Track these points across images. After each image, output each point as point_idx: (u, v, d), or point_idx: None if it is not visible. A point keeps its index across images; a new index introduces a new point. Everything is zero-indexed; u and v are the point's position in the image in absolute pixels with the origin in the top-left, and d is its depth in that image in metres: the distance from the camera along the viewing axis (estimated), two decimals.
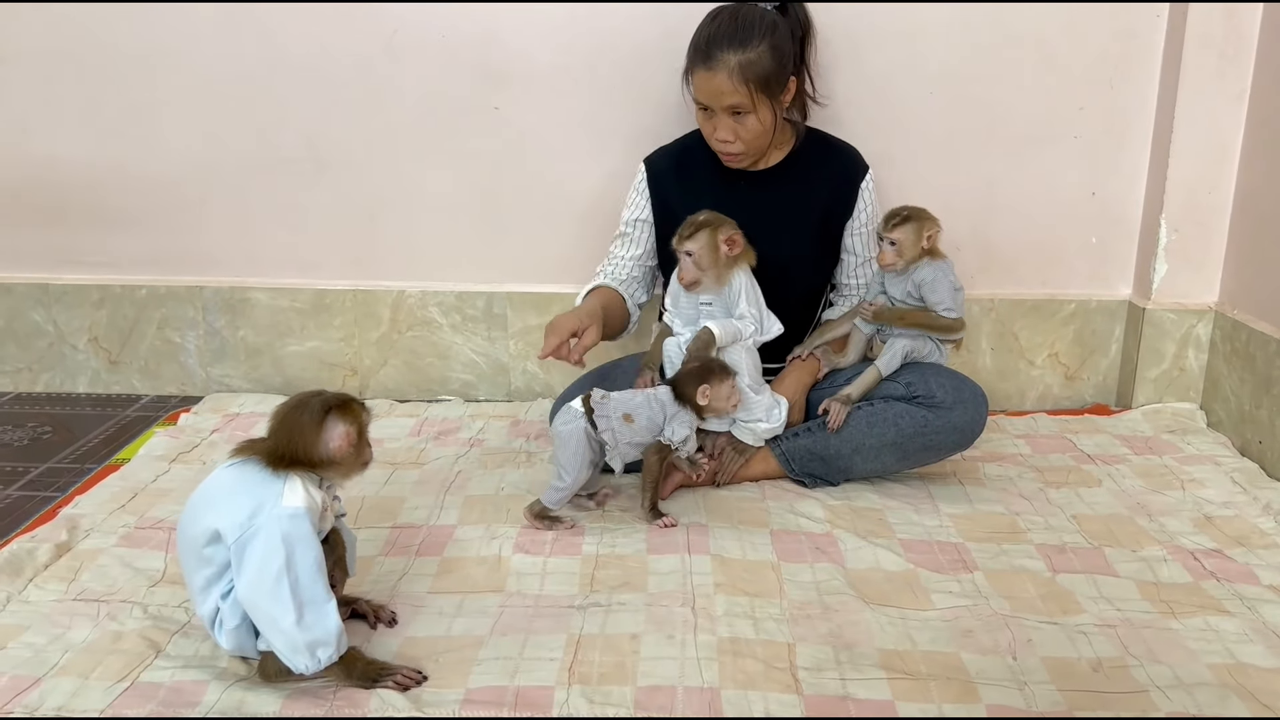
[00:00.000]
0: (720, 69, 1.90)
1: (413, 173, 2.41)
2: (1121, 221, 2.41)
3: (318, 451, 1.30)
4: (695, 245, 1.87)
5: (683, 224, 1.89)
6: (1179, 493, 1.99)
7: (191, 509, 1.33)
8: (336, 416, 1.31)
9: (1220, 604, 1.58)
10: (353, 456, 1.33)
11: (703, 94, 1.96)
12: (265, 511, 1.26)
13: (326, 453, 1.30)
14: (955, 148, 2.35)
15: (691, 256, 1.88)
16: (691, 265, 1.88)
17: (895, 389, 1.97)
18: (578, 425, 1.77)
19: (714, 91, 1.93)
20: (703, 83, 1.94)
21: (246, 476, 1.29)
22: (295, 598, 1.26)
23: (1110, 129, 2.35)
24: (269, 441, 1.31)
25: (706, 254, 1.88)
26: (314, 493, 1.31)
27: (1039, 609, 1.57)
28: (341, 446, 1.31)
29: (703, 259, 1.88)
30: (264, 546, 1.25)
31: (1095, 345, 2.47)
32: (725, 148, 2.00)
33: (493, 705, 1.34)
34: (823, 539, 1.78)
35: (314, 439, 1.30)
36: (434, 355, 2.52)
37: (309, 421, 1.30)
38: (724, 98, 1.93)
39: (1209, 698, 1.35)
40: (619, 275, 2.16)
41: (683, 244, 1.88)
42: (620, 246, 2.17)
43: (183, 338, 2.53)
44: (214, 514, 1.29)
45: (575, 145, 2.38)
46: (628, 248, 2.17)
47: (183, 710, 1.32)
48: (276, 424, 1.32)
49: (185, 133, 2.40)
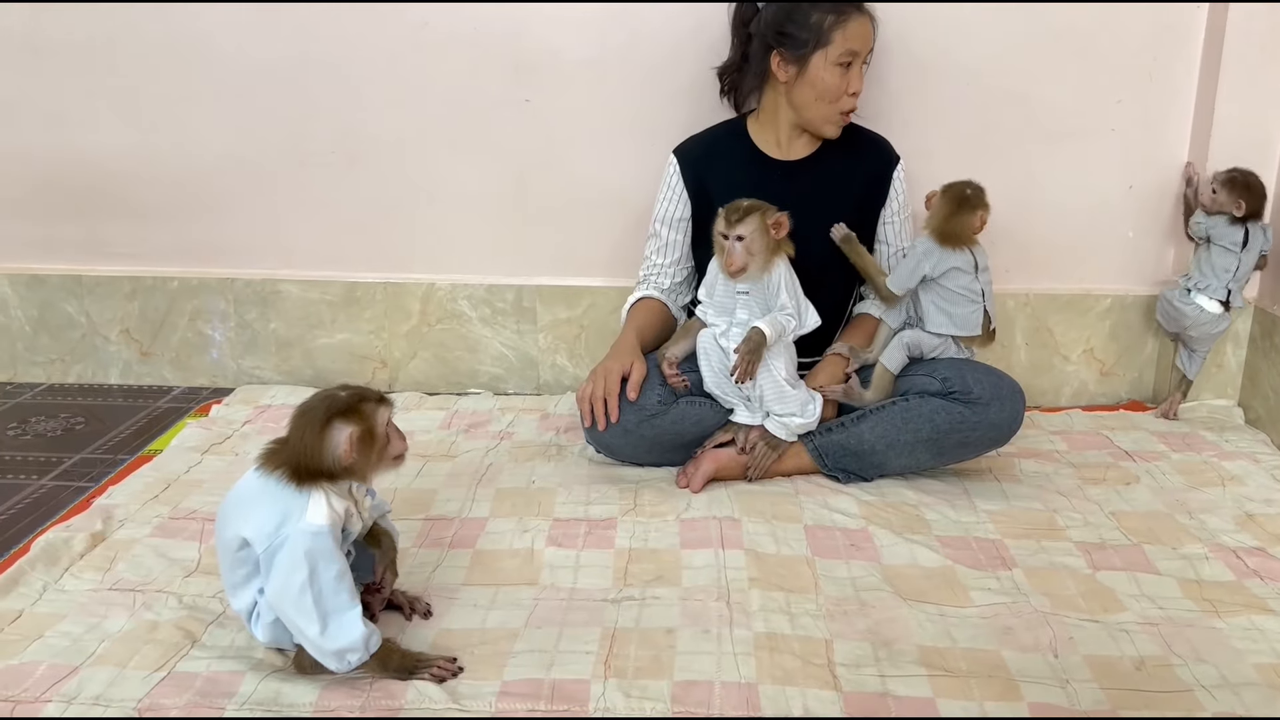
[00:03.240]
0: (867, 13, 1.97)
1: (443, 166, 2.40)
2: (1159, 216, 2.38)
3: (325, 462, 1.28)
4: (746, 229, 1.84)
5: (726, 210, 1.86)
6: (1219, 490, 1.96)
7: (224, 514, 1.33)
8: (340, 422, 1.28)
9: (1264, 603, 1.56)
10: (366, 458, 1.31)
11: (858, 40, 1.96)
12: (290, 524, 1.26)
13: (334, 461, 1.28)
14: (991, 141, 2.32)
15: (743, 241, 1.85)
16: (742, 250, 1.85)
17: (931, 384, 1.95)
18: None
19: (867, 35, 1.97)
20: (858, 29, 1.96)
21: (272, 487, 1.28)
22: (319, 609, 1.26)
23: (1148, 122, 2.32)
24: (287, 452, 1.29)
25: (757, 238, 1.85)
26: (337, 504, 1.29)
27: (1079, 607, 1.55)
28: (348, 451, 1.28)
29: (753, 243, 1.85)
30: (288, 560, 1.25)
31: (1130, 341, 2.44)
32: (855, 102, 2.01)
33: (529, 698, 1.33)
34: (858, 535, 1.76)
35: (319, 450, 1.28)
36: (463, 348, 2.51)
37: (311, 432, 1.28)
38: (870, 40, 1.99)
39: (1256, 698, 1.33)
40: (661, 284, 2.14)
41: (732, 229, 1.84)
42: (656, 253, 2.14)
43: (214, 329, 2.54)
44: (243, 521, 1.30)
45: (606, 138, 2.36)
46: (664, 254, 2.14)
47: (220, 700, 1.32)
48: (290, 433, 1.30)
49: (218, 125, 2.41)
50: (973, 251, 1.96)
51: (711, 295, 1.96)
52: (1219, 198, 2.16)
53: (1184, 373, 2.31)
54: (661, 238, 2.13)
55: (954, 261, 1.94)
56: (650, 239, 2.15)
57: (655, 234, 2.14)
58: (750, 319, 1.88)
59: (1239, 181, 2.15)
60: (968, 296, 1.95)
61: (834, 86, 1.98)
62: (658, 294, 2.13)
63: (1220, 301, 2.18)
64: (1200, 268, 2.20)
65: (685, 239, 2.13)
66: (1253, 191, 2.14)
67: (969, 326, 1.97)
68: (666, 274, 2.14)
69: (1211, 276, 2.18)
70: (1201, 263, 2.21)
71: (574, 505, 1.88)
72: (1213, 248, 2.18)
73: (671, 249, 2.13)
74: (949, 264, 1.94)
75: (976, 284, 1.96)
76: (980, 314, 1.97)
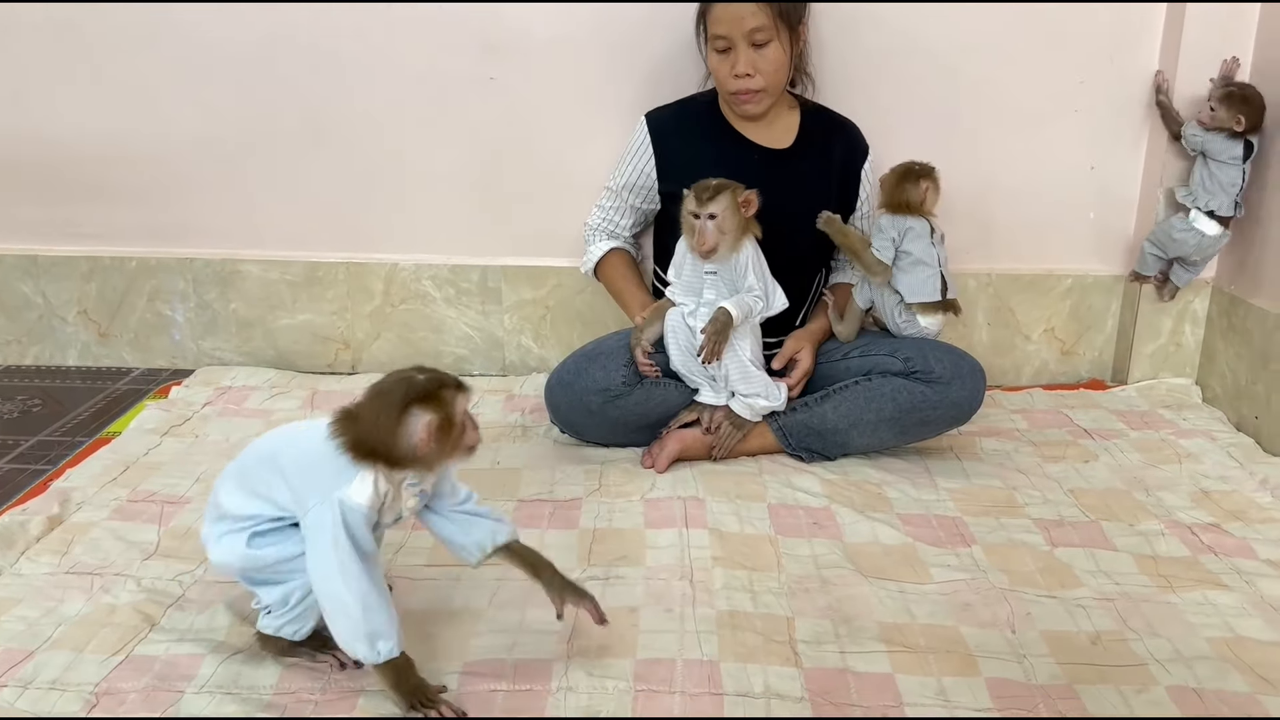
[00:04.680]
0: None
1: (407, 144, 2.38)
2: (1120, 197, 2.40)
3: (399, 448, 1.21)
4: (718, 207, 1.83)
5: (696, 189, 1.84)
6: (1175, 467, 1.99)
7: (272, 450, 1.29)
8: (418, 408, 1.20)
9: (1218, 578, 1.59)
10: (441, 448, 1.23)
11: (723, 23, 1.92)
12: (332, 497, 1.21)
13: (409, 448, 1.21)
14: (953, 122, 2.33)
15: (715, 220, 1.83)
16: (714, 229, 1.83)
17: (893, 364, 1.97)
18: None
19: (735, 17, 1.91)
20: (722, 12, 1.92)
21: (330, 453, 1.22)
22: (353, 589, 1.20)
23: (1110, 104, 2.33)
24: (356, 428, 1.22)
25: (729, 216, 1.84)
26: (381, 488, 1.24)
27: (1037, 583, 1.57)
28: (425, 440, 1.21)
29: (725, 221, 1.84)
30: (324, 533, 1.21)
31: (1091, 321, 2.46)
32: (744, 84, 1.96)
33: (491, 678, 1.33)
34: (821, 513, 1.78)
35: (393, 435, 1.20)
36: (428, 329, 2.49)
37: (387, 415, 1.20)
38: (746, 21, 1.91)
39: (1208, 671, 1.36)
40: (620, 234, 2.21)
41: (704, 207, 1.83)
42: (615, 211, 2.18)
43: (173, 310, 2.50)
44: (286, 478, 1.25)
45: (573, 117, 2.35)
46: (623, 215, 2.18)
47: (178, 683, 1.31)
48: (363, 410, 1.23)
49: (177, 103, 2.36)
50: (929, 220, 1.99)
51: (679, 275, 1.96)
52: (1218, 114, 2.11)
53: (1177, 285, 2.30)
54: (622, 200, 2.16)
55: (910, 224, 1.97)
56: (608, 195, 2.17)
57: (615, 194, 2.16)
58: (718, 299, 1.88)
59: (1236, 96, 2.10)
60: (924, 261, 1.96)
61: (716, 70, 2.00)
62: (624, 245, 2.20)
63: (1220, 220, 2.16)
64: (1204, 184, 2.15)
65: (646, 205, 2.15)
66: (1252, 104, 2.10)
67: (925, 292, 1.97)
68: (624, 225, 2.20)
69: (1218, 191, 2.14)
70: (1205, 179, 2.15)
71: (539, 486, 1.88)
72: (1211, 163, 2.14)
73: (631, 212, 2.17)
74: (905, 226, 1.96)
75: (933, 250, 1.98)
76: (937, 279, 1.98)
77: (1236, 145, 2.12)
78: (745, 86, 1.97)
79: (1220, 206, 2.15)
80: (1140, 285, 2.35)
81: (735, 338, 1.89)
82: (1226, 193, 2.14)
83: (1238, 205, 2.15)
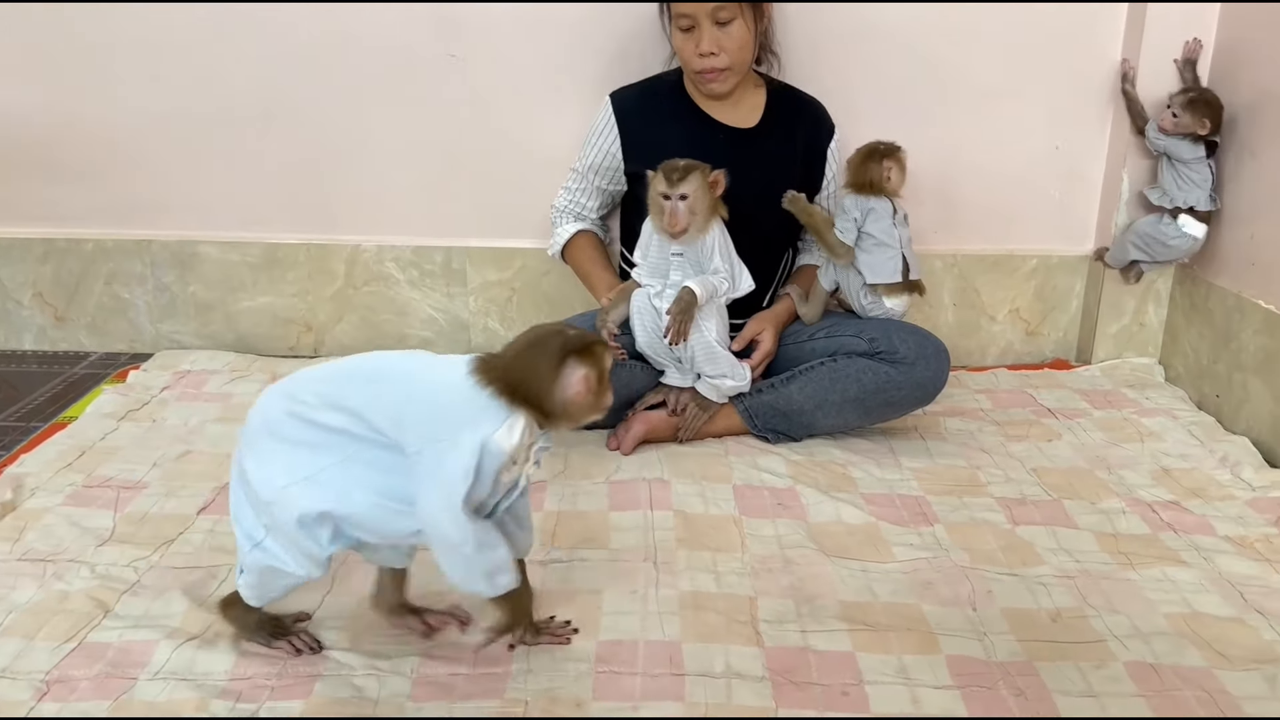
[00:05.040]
0: None
1: (368, 123, 2.35)
2: (1084, 176, 2.40)
3: (553, 397, 1.19)
4: (690, 188, 1.81)
5: (665, 170, 1.83)
6: (1137, 446, 2.00)
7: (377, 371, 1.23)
8: (576, 361, 1.19)
9: (1177, 555, 1.60)
10: (591, 402, 1.22)
11: (687, 1, 1.91)
12: (475, 436, 1.15)
13: (563, 398, 1.20)
14: (919, 103, 2.32)
15: (686, 200, 1.82)
16: (685, 210, 1.82)
17: (858, 345, 1.97)
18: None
19: None
20: None
21: (470, 395, 1.18)
22: (473, 526, 1.18)
23: (1073, 83, 2.33)
24: (508, 374, 1.19)
25: (700, 197, 1.82)
26: (525, 438, 1.20)
27: (999, 561, 1.57)
28: (581, 393, 1.20)
29: (696, 202, 1.82)
30: (460, 470, 1.15)
31: (1056, 301, 2.47)
32: (709, 63, 1.95)
33: (451, 661, 1.32)
34: (785, 494, 1.77)
35: (550, 383, 1.19)
36: (391, 311, 2.47)
37: (546, 364, 1.19)
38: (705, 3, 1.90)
39: (1165, 646, 1.37)
40: (588, 216, 2.20)
41: (675, 188, 1.81)
42: (581, 193, 2.17)
43: (131, 293, 2.46)
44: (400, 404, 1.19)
45: (537, 95, 2.32)
46: (590, 196, 2.17)
47: (132, 670, 1.29)
48: (514, 359, 1.21)
49: (133, 81, 2.32)
50: (892, 201, 1.98)
51: (646, 257, 1.94)
52: (1181, 120, 2.12)
53: (1143, 269, 2.31)
54: (588, 181, 2.14)
55: (873, 205, 1.96)
56: (574, 176, 2.16)
57: (581, 176, 2.14)
58: (684, 281, 1.87)
59: (1199, 101, 2.11)
60: (885, 242, 1.96)
61: (681, 49, 1.99)
62: (591, 226, 2.19)
63: (1201, 216, 2.16)
64: (1177, 184, 2.16)
65: (612, 186, 2.14)
66: (1214, 107, 2.11)
67: (887, 273, 1.97)
68: (590, 207, 2.19)
69: (1192, 188, 2.15)
70: (1176, 179, 2.16)
71: None
72: (1177, 164, 2.16)
73: (597, 193, 2.17)
74: (868, 207, 1.96)
75: (894, 231, 1.97)
76: (898, 260, 1.98)
77: (1200, 146, 2.14)
78: (710, 65, 1.95)
79: (1199, 202, 2.16)
80: (1106, 268, 2.36)
81: (701, 319, 1.88)
82: (1201, 188, 2.15)
83: (1213, 198, 2.16)
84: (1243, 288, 2.12)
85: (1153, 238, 2.22)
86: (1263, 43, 2.07)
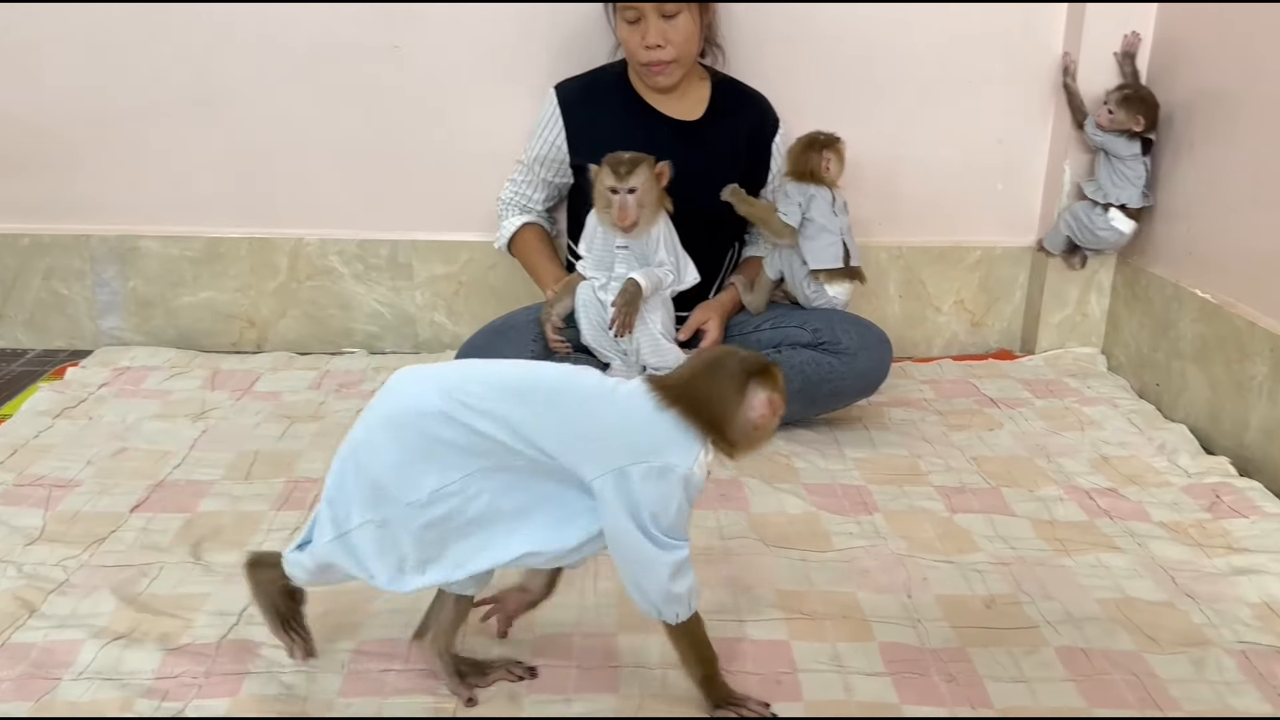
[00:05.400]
0: None
1: (311, 114, 2.32)
2: (1027, 169, 2.42)
3: (736, 422, 1.15)
4: (638, 180, 1.81)
5: (611, 163, 1.82)
6: (1077, 434, 2.02)
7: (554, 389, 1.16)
8: (758, 383, 1.15)
9: (1112, 541, 1.62)
10: (772, 426, 1.17)
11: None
12: (680, 467, 1.12)
13: (747, 423, 1.15)
14: (863, 96, 2.33)
15: (634, 194, 1.81)
16: (634, 203, 1.81)
17: (802, 336, 1.98)
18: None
19: None
20: None
21: (653, 421, 1.14)
22: (674, 556, 1.14)
23: (1016, 76, 2.35)
24: (690, 398, 1.14)
25: (649, 189, 1.82)
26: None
27: (936, 548, 1.58)
28: (765, 416, 1.15)
29: (645, 195, 1.82)
30: (676, 498, 1.12)
31: (1000, 292, 2.50)
32: (655, 55, 1.94)
33: (385, 657, 1.31)
34: (729, 485, 1.77)
35: (735, 407, 1.14)
36: (336, 306, 2.44)
37: (729, 387, 1.15)
38: None
39: (1096, 631, 1.38)
40: (534, 209, 2.17)
41: (624, 181, 1.80)
42: (527, 185, 2.15)
43: (70, 289, 2.42)
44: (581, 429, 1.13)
45: (482, 87, 2.30)
46: (536, 189, 2.15)
47: (55, 670, 1.27)
48: (690, 382, 1.16)
49: (68, 73, 2.27)
50: (831, 190, 2.00)
51: (590, 249, 1.93)
52: (1117, 116, 2.15)
53: (1086, 257, 2.34)
54: (534, 174, 2.13)
55: (813, 192, 1.98)
56: (520, 168, 2.14)
57: (527, 168, 2.13)
58: (629, 273, 1.86)
59: (1134, 98, 2.15)
60: (826, 227, 1.98)
61: (627, 41, 1.98)
62: (537, 219, 2.17)
63: (1131, 214, 2.20)
64: (1111, 180, 2.20)
65: (558, 179, 2.13)
66: (1148, 105, 2.15)
67: (827, 258, 1.99)
68: (536, 199, 2.17)
69: (1125, 185, 2.18)
70: (1111, 175, 2.20)
71: None
72: (1114, 159, 2.19)
73: (543, 185, 2.15)
74: (809, 193, 1.98)
75: (834, 217, 1.99)
76: (839, 246, 1.99)
77: (1135, 143, 2.18)
78: (656, 58, 1.95)
79: (1130, 199, 2.20)
80: (1049, 257, 2.39)
81: (646, 311, 1.88)
82: (1134, 185, 2.19)
83: (1145, 195, 2.20)
84: (1181, 277, 2.15)
85: (1084, 224, 2.26)
86: (1199, 40, 2.10)
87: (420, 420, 1.12)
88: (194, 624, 1.37)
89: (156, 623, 1.36)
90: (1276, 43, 1.86)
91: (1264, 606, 1.44)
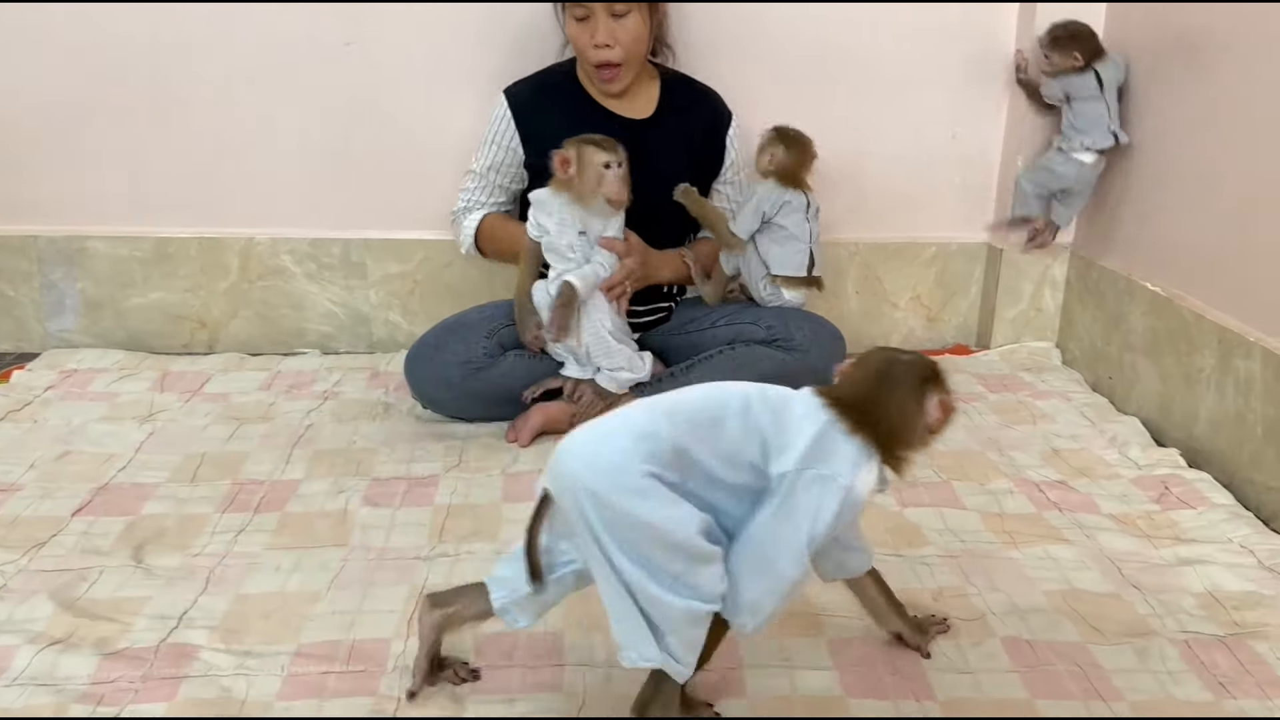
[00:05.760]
0: None
1: (260, 112, 2.29)
2: (981, 164, 2.44)
3: (912, 430, 1.12)
4: (623, 156, 1.81)
5: (594, 142, 1.80)
6: (1030, 428, 2.03)
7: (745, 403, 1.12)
8: (931, 388, 1.13)
9: (1060, 533, 1.62)
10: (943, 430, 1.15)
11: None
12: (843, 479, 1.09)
13: (922, 429, 1.13)
14: (816, 93, 2.33)
15: (623, 168, 1.81)
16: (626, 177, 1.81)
17: (756, 333, 1.99)
18: None
19: None
20: None
21: (826, 431, 1.10)
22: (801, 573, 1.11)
23: (968, 71, 2.36)
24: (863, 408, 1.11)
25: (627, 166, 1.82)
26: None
27: (885, 542, 1.58)
28: (941, 420, 1.13)
29: (626, 171, 1.82)
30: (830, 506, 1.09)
31: (956, 287, 2.51)
32: (604, 55, 1.93)
33: (325, 659, 1.29)
34: None
35: (916, 416, 1.12)
36: (288, 306, 2.41)
37: (908, 395, 1.12)
38: None
39: (1042, 623, 1.39)
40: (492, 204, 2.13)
41: (619, 153, 1.80)
42: (480, 190, 2.10)
43: (16, 291, 2.38)
44: (789, 436, 1.10)
45: (434, 84, 2.29)
46: (489, 193, 2.10)
47: None
48: (864, 392, 1.13)
49: (12, 70, 2.23)
50: (806, 194, 2.00)
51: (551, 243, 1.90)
52: (1054, 60, 2.13)
53: (1058, 224, 2.29)
54: (488, 180, 2.09)
55: (789, 198, 1.97)
56: (472, 178, 2.10)
57: (481, 176, 2.09)
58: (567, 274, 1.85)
59: (1063, 36, 2.12)
60: (796, 235, 1.98)
61: (575, 39, 1.97)
62: (495, 209, 2.12)
63: (1097, 151, 2.17)
64: (1074, 125, 2.17)
65: (514, 184, 2.10)
66: (1081, 37, 2.11)
67: (792, 266, 1.99)
68: (494, 203, 2.12)
69: (1088, 128, 2.15)
70: (1075, 120, 2.17)
71: (395, 464, 1.83)
72: (1074, 103, 2.16)
73: (499, 190, 2.11)
74: (784, 199, 1.97)
75: (806, 225, 1.99)
76: (805, 255, 1.99)
77: (1088, 78, 2.13)
78: (605, 58, 1.94)
79: (1095, 141, 2.16)
80: (1002, 251, 2.40)
81: (592, 310, 1.87)
82: (1097, 125, 2.15)
83: (1115, 135, 2.16)
84: (1132, 270, 2.16)
85: (1041, 169, 2.23)
86: (1146, 41, 2.12)
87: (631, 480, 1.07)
88: (133, 628, 1.34)
89: (94, 627, 1.34)
90: (1223, 42, 1.88)
91: (1208, 596, 1.45)
